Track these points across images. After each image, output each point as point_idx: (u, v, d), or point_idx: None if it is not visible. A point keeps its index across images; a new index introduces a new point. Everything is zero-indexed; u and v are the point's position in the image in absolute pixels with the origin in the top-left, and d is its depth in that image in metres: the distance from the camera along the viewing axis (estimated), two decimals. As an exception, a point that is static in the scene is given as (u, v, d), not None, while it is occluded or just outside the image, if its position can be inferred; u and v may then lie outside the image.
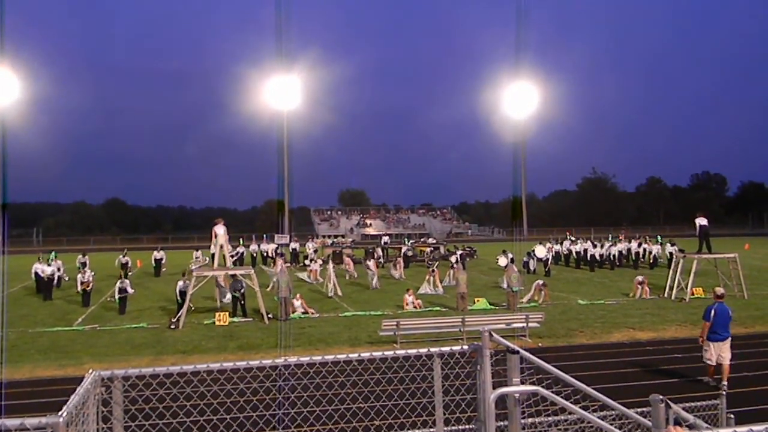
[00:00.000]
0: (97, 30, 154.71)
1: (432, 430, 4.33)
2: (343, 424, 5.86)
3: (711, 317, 10.05)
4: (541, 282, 20.50)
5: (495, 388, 3.47)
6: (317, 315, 17.93)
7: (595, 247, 31.75)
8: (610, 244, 32.91)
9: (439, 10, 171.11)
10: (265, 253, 36.65)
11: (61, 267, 25.22)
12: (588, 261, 31.25)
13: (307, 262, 32.12)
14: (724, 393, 5.84)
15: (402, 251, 35.38)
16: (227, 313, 17.33)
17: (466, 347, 3.90)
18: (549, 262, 29.20)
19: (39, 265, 23.93)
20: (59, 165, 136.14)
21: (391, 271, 28.56)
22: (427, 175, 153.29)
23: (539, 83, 66.34)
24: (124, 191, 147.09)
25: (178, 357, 13.09)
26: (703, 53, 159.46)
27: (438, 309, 18.89)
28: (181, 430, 4.99)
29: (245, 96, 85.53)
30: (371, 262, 25.67)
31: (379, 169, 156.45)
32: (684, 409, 4.34)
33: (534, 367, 3.79)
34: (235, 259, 29.74)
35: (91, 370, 3.36)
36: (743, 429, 2.42)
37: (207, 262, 29.26)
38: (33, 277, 24.13)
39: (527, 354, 3.69)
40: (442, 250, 39.43)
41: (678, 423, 3.99)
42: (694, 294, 20.04)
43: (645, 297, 20.55)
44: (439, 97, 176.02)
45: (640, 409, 4.15)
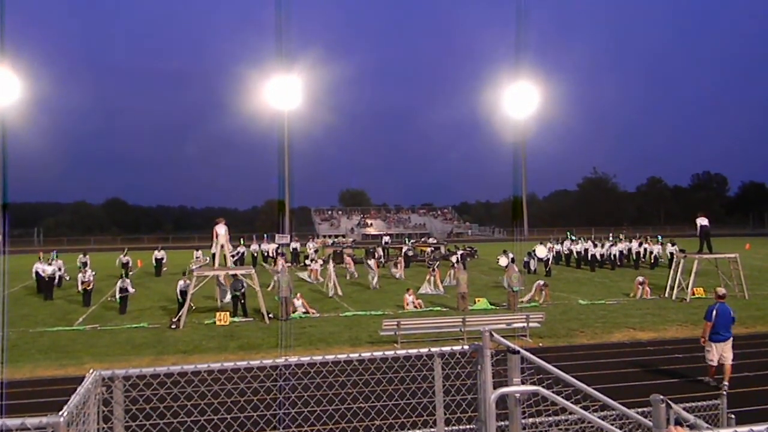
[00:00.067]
0: (98, 30, 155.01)
1: (432, 430, 4.33)
2: (343, 424, 5.86)
3: (713, 317, 10.04)
4: (542, 282, 20.50)
5: (496, 388, 3.47)
6: (318, 315, 17.94)
7: (596, 247, 31.75)
8: (611, 243, 32.90)
9: (439, 10, 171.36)
10: (265, 253, 36.70)
11: (61, 267, 25.24)
12: (589, 261, 31.24)
13: (307, 261, 32.13)
14: (724, 393, 5.84)
15: (403, 251, 35.39)
16: (228, 312, 17.34)
17: (466, 347, 3.89)
18: (550, 262, 29.21)
19: (40, 264, 23.95)
20: (60, 165, 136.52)
21: (391, 271, 28.58)
22: (428, 175, 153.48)
23: (539, 83, 66.42)
24: (125, 191, 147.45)
25: (179, 357, 13.10)
26: (704, 53, 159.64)
27: (438, 309, 18.89)
28: (182, 429, 4.99)
29: (246, 96, 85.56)
30: (372, 261, 25.70)
31: (379, 169, 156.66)
32: (685, 409, 4.33)
33: (534, 367, 3.79)
34: (235, 259, 29.76)
35: (91, 370, 3.36)
36: (744, 429, 2.42)
37: (207, 262, 29.27)
38: (34, 276, 24.15)
39: (528, 354, 3.68)
40: (443, 250, 39.43)
41: (679, 423, 3.99)
42: (694, 294, 20.02)
43: (646, 297, 20.54)
44: (440, 97, 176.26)
45: (640, 409, 4.15)
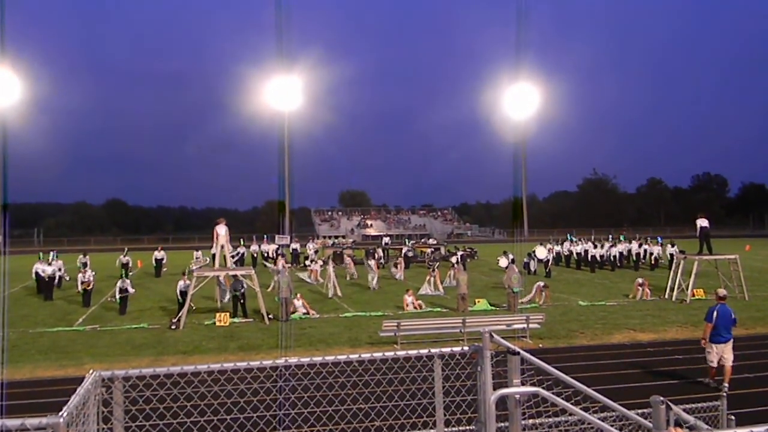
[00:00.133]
0: (98, 30, 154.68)
1: (432, 431, 4.33)
2: (343, 424, 5.86)
3: (713, 319, 10.02)
4: (542, 284, 20.50)
5: (495, 389, 3.47)
6: (317, 316, 17.94)
7: (596, 248, 31.74)
8: (610, 245, 32.90)
9: (439, 10, 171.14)
10: (265, 254, 36.70)
11: (62, 267, 25.23)
12: (589, 262, 31.25)
13: (307, 262, 32.13)
14: (724, 394, 5.83)
15: (403, 252, 35.39)
16: (228, 313, 17.33)
17: (466, 348, 3.89)
18: (550, 263, 29.20)
19: (40, 265, 23.93)
20: (60, 165, 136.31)
21: (391, 271, 28.60)
22: (428, 176, 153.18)
23: (539, 84, 66.45)
24: (125, 191, 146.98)
25: (179, 357, 13.09)
26: (704, 54, 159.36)
27: (438, 310, 18.89)
28: (182, 430, 4.99)
29: (246, 97, 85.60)
30: (372, 262, 25.71)
31: (379, 169, 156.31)
32: (685, 410, 4.33)
33: (534, 368, 3.79)
34: (235, 260, 29.75)
35: (91, 371, 3.36)
36: (744, 431, 2.42)
37: (207, 263, 29.28)
38: (34, 277, 24.13)
39: (528, 355, 3.68)
40: (443, 250, 39.42)
41: (678, 424, 3.99)
42: (694, 295, 20.02)
43: (646, 299, 20.53)
44: (440, 98, 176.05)
45: (640, 411, 4.15)
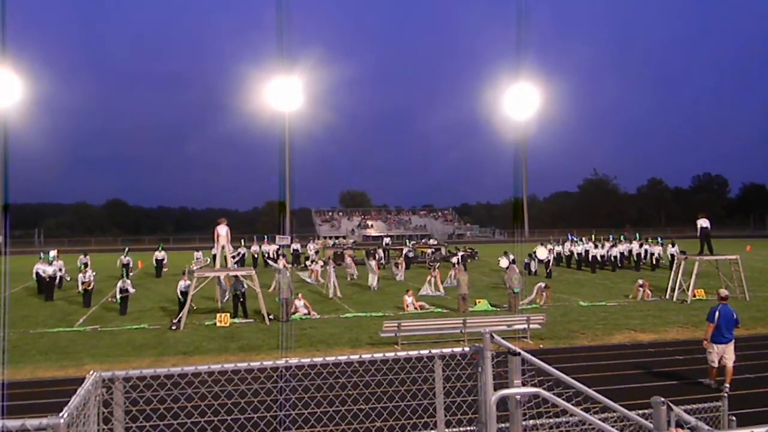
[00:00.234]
0: (98, 30, 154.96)
1: (433, 431, 4.32)
2: (344, 425, 5.86)
3: (715, 319, 10.00)
4: (543, 285, 20.47)
5: (496, 389, 3.47)
6: (318, 316, 17.93)
7: (597, 248, 31.72)
8: (611, 245, 32.88)
9: (439, 10, 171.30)
10: (266, 254, 36.68)
11: (62, 267, 25.23)
12: (589, 262, 31.23)
13: (308, 263, 32.13)
14: (725, 395, 5.82)
15: (403, 252, 35.38)
16: (228, 314, 17.33)
17: (467, 349, 3.89)
18: (550, 264, 29.19)
19: (40, 265, 23.93)
20: (60, 166, 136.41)
21: (393, 271, 28.60)
22: (429, 177, 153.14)
23: (540, 84, 66.46)
24: (126, 192, 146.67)
25: (179, 358, 13.09)
26: (704, 54, 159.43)
27: (439, 310, 18.88)
28: (182, 431, 4.99)
29: (246, 97, 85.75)
30: (373, 262, 25.71)
31: (380, 170, 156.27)
32: (686, 411, 4.32)
33: (535, 369, 3.79)
34: (236, 260, 29.73)
35: (92, 371, 3.35)
36: (745, 431, 2.41)
37: (208, 263, 29.29)
38: (34, 277, 24.14)
39: (528, 356, 3.68)
40: (443, 251, 39.42)
41: (679, 425, 3.98)
42: (695, 296, 20.00)
43: (646, 299, 20.51)
44: (440, 98, 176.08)
45: (641, 411, 4.14)
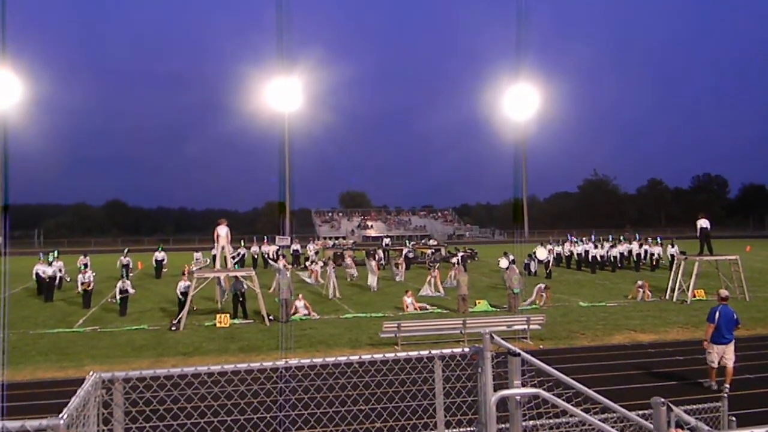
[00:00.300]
0: (98, 30, 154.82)
1: (433, 432, 4.32)
2: (344, 426, 5.86)
3: (715, 319, 9.98)
4: (543, 286, 20.46)
5: (496, 390, 3.46)
6: (318, 317, 17.93)
7: (597, 249, 31.71)
8: (611, 245, 32.87)
9: (439, 11, 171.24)
10: (266, 255, 36.66)
11: (62, 268, 25.21)
12: (589, 263, 31.23)
13: (308, 263, 32.13)
14: (725, 395, 5.82)
15: (403, 253, 35.37)
16: (228, 314, 17.33)
17: (467, 349, 3.88)
18: (550, 264, 29.19)
19: (40, 266, 23.91)
20: (60, 166, 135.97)
21: (393, 271, 28.60)
22: (428, 177, 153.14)
23: (540, 85, 66.48)
24: (125, 193, 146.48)
25: (179, 359, 13.08)
26: (704, 54, 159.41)
27: (439, 311, 18.88)
28: (182, 432, 4.98)
29: (246, 97, 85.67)
30: (373, 262, 25.71)
31: (380, 170, 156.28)
32: (686, 411, 4.33)
33: (535, 370, 3.78)
34: (236, 261, 29.72)
35: (91, 372, 3.35)
36: (745, 432, 2.41)
37: (208, 263, 29.27)
38: (34, 278, 24.12)
39: (528, 356, 3.68)
40: (443, 251, 39.42)
41: (679, 426, 3.99)
42: (695, 296, 20.00)
43: (646, 300, 20.51)
44: (440, 99, 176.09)
45: (641, 412, 4.14)
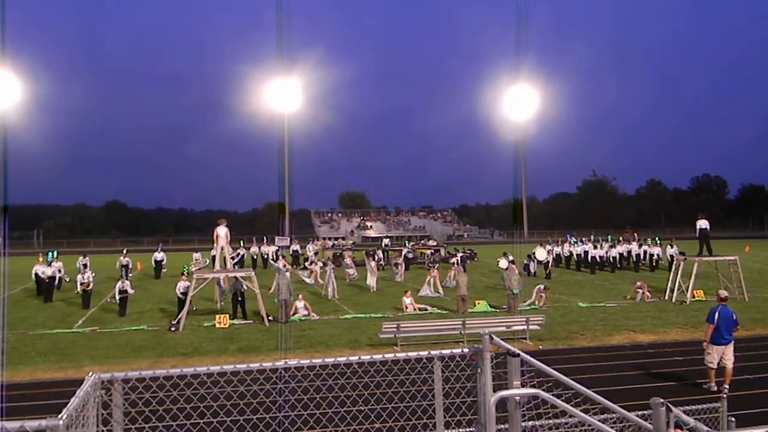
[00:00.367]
0: (98, 31, 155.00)
1: (432, 432, 4.32)
2: (343, 426, 5.86)
3: (715, 320, 9.98)
4: (542, 286, 20.46)
5: (495, 390, 3.47)
6: (317, 317, 17.93)
7: (596, 249, 31.72)
8: (610, 245, 32.88)
9: (439, 11, 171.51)
10: (265, 256, 36.66)
11: (62, 268, 25.19)
12: (588, 263, 31.24)
13: (307, 264, 32.12)
14: (725, 396, 5.83)
15: (402, 253, 35.37)
16: (227, 315, 17.33)
17: (466, 350, 3.88)
18: (549, 265, 29.19)
19: (40, 266, 23.88)
20: (60, 167, 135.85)
21: (393, 271, 28.60)
22: (428, 178, 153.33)
23: (539, 85, 66.39)
24: (125, 193, 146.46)
25: (178, 359, 13.08)
26: (704, 55, 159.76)
27: (438, 311, 18.87)
28: (181, 432, 4.98)
29: (246, 98, 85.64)
30: (372, 263, 25.72)
31: (379, 171, 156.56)
32: (685, 412, 4.33)
33: (534, 370, 3.78)
34: (235, 261, 29.69)
35: (91, 373, 3.35)
36: (744, 432, 2.41)
37: (207, 264, 29.25)
38: (33, 278, 24.10)
39: (528, 357, 3.68)
40: (443, 252, 39.42)
41: (679, 426, 3.99)
42: (694, 297, 20.01)
43: (646, 300, 20.51)
44: (440, 99, 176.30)
45: (640, 412, 4.14)
